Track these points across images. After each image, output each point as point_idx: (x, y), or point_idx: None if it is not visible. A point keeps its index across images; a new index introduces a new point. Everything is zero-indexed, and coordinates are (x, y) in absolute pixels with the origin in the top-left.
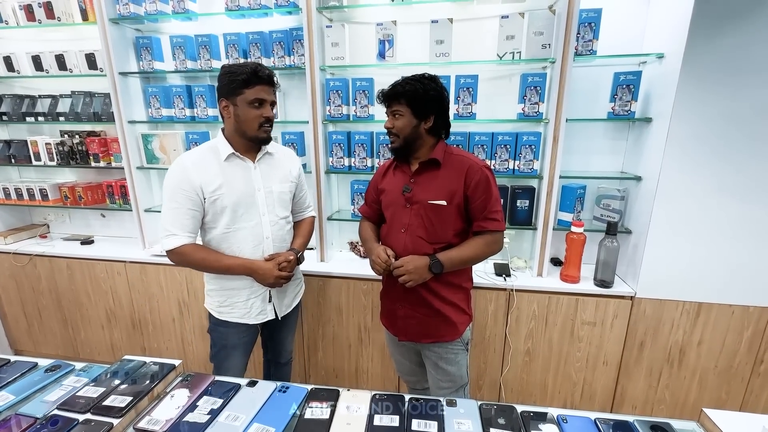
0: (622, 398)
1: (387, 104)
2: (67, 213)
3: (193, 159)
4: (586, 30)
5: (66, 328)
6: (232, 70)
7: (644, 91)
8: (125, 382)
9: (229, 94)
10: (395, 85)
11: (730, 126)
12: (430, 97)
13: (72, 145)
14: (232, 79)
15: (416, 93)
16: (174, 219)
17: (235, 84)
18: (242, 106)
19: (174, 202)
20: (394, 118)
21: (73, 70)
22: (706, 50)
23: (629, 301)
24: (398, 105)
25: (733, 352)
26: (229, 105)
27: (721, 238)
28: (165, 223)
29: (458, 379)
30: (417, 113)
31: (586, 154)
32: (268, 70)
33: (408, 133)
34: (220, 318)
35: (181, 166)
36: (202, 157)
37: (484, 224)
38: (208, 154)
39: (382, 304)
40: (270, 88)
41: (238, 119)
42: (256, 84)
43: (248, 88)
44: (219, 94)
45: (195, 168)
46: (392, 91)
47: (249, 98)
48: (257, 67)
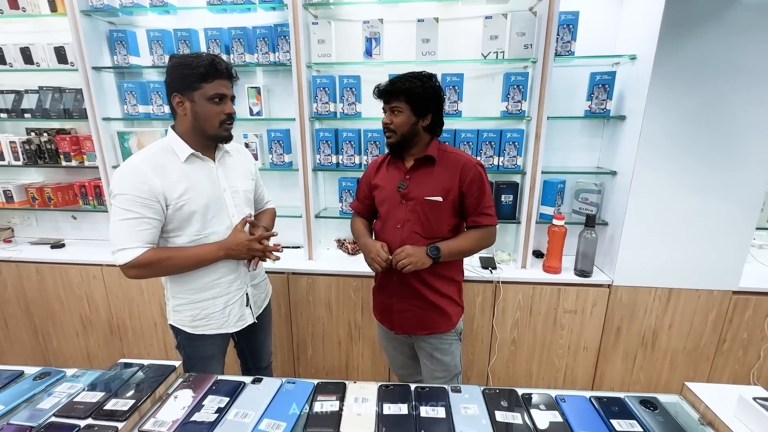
0: (601, 381)
1: (385, 100)
2: (34, 215)
3: (147, 161)
4: (564, 31)
5: (36, 336)
6: (186, 62)
7: (618, 91)
8: (124, 386)
9: (183, 88)
10: (395, 81)
11: (696, 124)
12: (429, 95)
13: (40, 144)
14: (187, 73)
15: (416, 91)
16: (129, 231)
17: (192, 77)
18: (201, 102)
19: (128, 212)
20: (392, 115)
21: (40, 64)
22: (676, 52)
23: (607, 289)
24: (397, 102)
25: (700, 333)
26: (184, 100)
27: (688, 229)
28: (117, 236)
29: (452, 368)
30: (416, 111)
31: (564, 150)
32: (225, 63)
33: (406, 130)
34: (195, 333)
35: (135, 170)
36: (158, 159)
37: (479, 219)
38: (163, 155)
39: (376, 300)
40: (229, 82)
41: (197, 116)
42: (215, 78)
43: (206, 82)
44: (171, 89)
45: (153, 172)
46: (392, 87)
47: (208, 93)
48: (214, 59)
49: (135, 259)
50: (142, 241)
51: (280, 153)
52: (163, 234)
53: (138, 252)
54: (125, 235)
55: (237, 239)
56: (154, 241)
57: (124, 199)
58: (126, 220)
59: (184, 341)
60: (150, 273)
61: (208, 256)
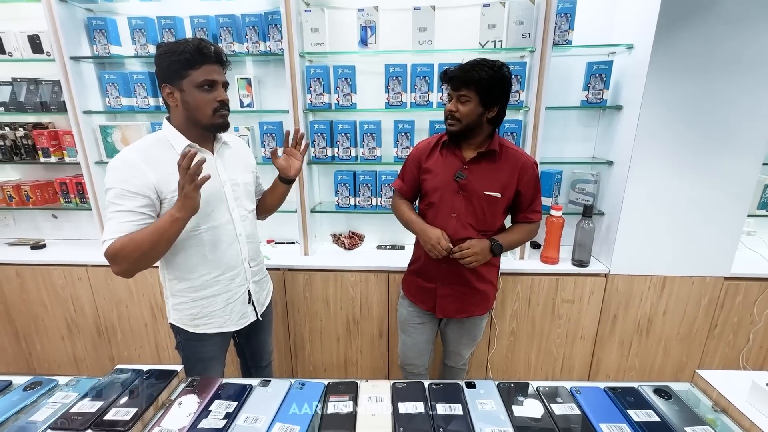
0: (598, 368)
1: (454, 87)
2: (11, 215)
3: (141, 154)
4: (562, 20)
5: (18, 342)
6: (171, 49)
7: (615, 80)
8: (124, 393)
9: (172, 77)
10: (467, 68)
11: (692, 113)
12: (500, 87)
13: (15, 139)
14: (174, 60)
15: (488, 81)
16: (117, 225)
17: (178, 65)
18: (190, 91)
19: (118, 206)
20: (459, 103)
21: (13, 54)
22: (673, 41)
23: (603, 278)
24: (467, 90)
25: (693, 319)
26: (173, 91)
27: (684, 217)
28: (106, 230)
29: (477, 338)
30: (484, 102)
31: (561, 140)
32: (214, 46)
33: (471, 120)
34: (195, 332)
35: (129, 163)
36: (153, 152)
37: (530, 216)
38: (158, 148)
39: (414, 282)
40: (219, 67)
41: (188, 106)
42: (202, 63)
43: (194, 69)
44: (160, 80)
45: (147, 164)
46: (464, 74)
47: (197, 80)
48: (201, 43)
49: (107, 250)
50: (122, 233)
51: (273, 146)
52: None
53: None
54: (112, 229)
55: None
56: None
57: (113, 192)
58: (116, 213)
59: (184, 341)
60: (125, 263)
61: (164, 222)
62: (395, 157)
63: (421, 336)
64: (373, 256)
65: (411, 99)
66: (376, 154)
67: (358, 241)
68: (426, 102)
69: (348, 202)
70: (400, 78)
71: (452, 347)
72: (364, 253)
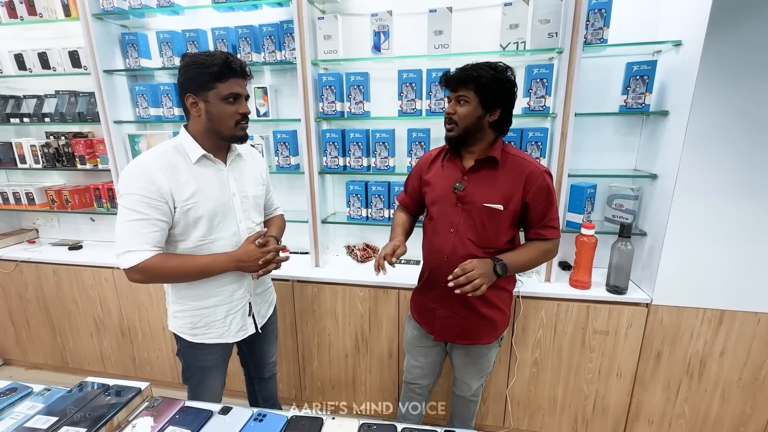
0: (638, 412)
1: (452, 88)
2: (56, 217)
3: (157, 161)
4: (596, 17)
5: (54, 336)
6: (199, 61)
7: (659, 83)
8: (83, 409)
9: (198, 88)
10: (465, 68)
11: (752, 119)
12: (501, 87)
13: (58, 147)
14: (201, 72)
15: (488, 80)
16: (136, 233)
17: (206, 77)
18: (215, 103)
19: (136, 213)
20: (457, 104)
21: (56, 69)
22: (729, 37)
23: (645, 308)
24: (465, 90)
25: (759, 363)
26: (198, 101)
27: (745, 240)
28: (123, 238)
29: (486, 369)
30: (484, 103)
31: (596, 151)
32: (240, 61)
33: (470, 123)
34: (194, 341)
35: (145, 170)
36: (168, 159)
37: (543, 232)
38: (174, 155)
39: (417, 301)
40: (244, 81)
41: (211, 117)
42: (229, 77)
43: (221, 81)
44: (184, 89)
45: (162, 172)
46: (462, 74)
47: (223, 93)
48: (228, 57)
49: (142, 263)
50: (149, 244)
51: (286, 155)
52: (168, 237)
53: (145, 255)
54: (132, 237)
55: (248, 252)
56: (161, 243)
57: (131, 199)
58: (133, 221)
59: (184, 349)
60: (155, 278)
61: (217, 267)
62: (409, 168)
63: (425, 359)
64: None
65: (426, 106)
66: (388, 164)
67: (371, 253)
68: (441, 109)
69: (360, 214)
70: (414, 84)
71: (459, 375)
72: None
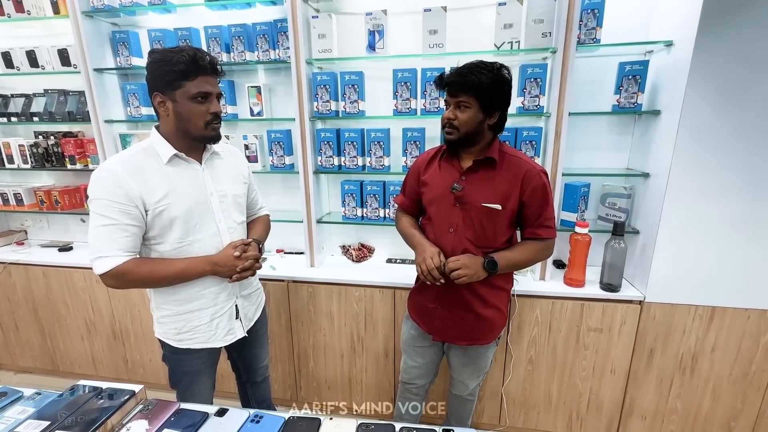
0: (631, 408)
1: (451, 93)
2: (46, 218)
3: (125, 164)
4: (588, 17)
5: (44, 339)
6: (166, 58)
7: (651, 82)
8: (75, 413)
9: (165, 87)
10: (465, 73)
11: (745, 118)
12: (501, 91)
13: (47, 147)
14: (168, 70)
15: (489, 86)
16: (108, 239)
17: (172, 75)
18: (183, 102)
19: (106, 218)
20: (458, 110)
21: (45, 67)
22: (719, 37)
23: (638, 305)
24: (466, 96)
25: (749, 359)
26: (165, 100)
27: (736, 238)
28: (95, 243)
29: (484, 369)
30: (484, 108)
31: (588, 150)
32: (209, 56)
33: (471, 128)
34: (180, 346)
35: (112, 174)
36: (138, 162)
37: (539, 231)
38: (144, 157)
39: (415, 301)
40: (214, 78)
41: (180, 117)
42: (197, 74)
43: (188, 80)
44: (152, 88)
45: (131, 175)
46: (463, 80)
47: (191, 92)
48: (196, 53)
49: (114, 269)
50: (121, 249)
51: (280, 155)
52: (145, 241)
53: (117, 261)
54: (103, 243)
55: (226, 256)
56: (135, 248)
57: (100, 204)
58: (103, 227)
59: (169, 354)
60: (130, 284)
61: (193, 270)
62: (404, 167)
63: (423, 359)
64: (380, 270)
65: (421, 106)
66: (383, 163)
67: (367, 253)
68: (437, 109)
69: (355, 213)
70: (409, 84)
71: (456, 375)
72: (372, 266)
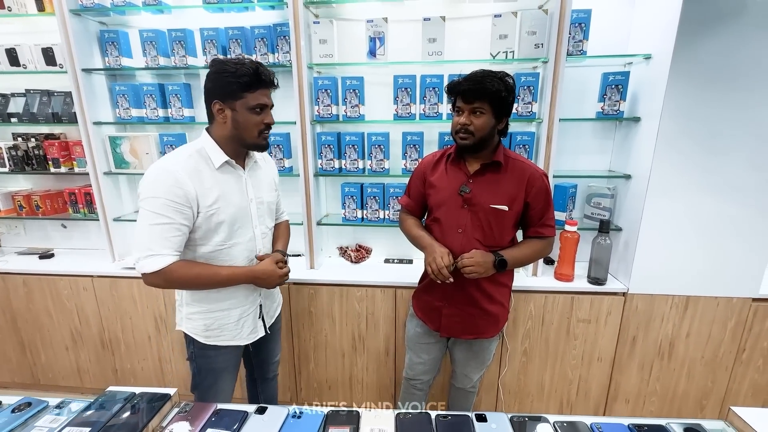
0: (616, 393)
1: (467, 99)
2: (22, 224)
3: (184, 165)
4: (576, 30)
5: (23, 352)
6: (229, 70)
7: (632, 91)
8: (113, 419)
9: (226, 96)
10: (478, 80)
11: (717, 124)
12: (512, 99)
13: (27, 149)
14: (232, 81)
15: (503, 94)
16: (160, 237)
17: (236, 87)
18: (242, 111)
19: (161, 216)
20: (473, 116)
21: (27, 66)
22: (695, 50)
23: (622, 297)
24: (481, 103)
25: (718, 342)
26: (225, 108)
27: (707, 233)
28: (146, 241)
29: (486, 361)
30: (497, 114)
31: (575, 153)
32: (269, 71)
33: (485, 133)
34: (207, 342)
35: (172, 175)
36: (194, 164)
37: (541, 230)
38: (198, 160)
39: (421, 299)
40: (270, 91)
41: (237, 125)
42: (258, 87)
43: (249, 92)
44: (211, 95)
45: (189, 176)
46: (479, 87)
47: (251, 104)
48: (258, 68)
49: (165, 268)
50: (172, 248)
51: (279, 158)
52: (188, 241)
53: (168, 260)
54: (155, 241)
55: (269, 272)
56: (182, 248)
57: (157, 203)
58: (158, 225)
59: (197, 351)
60: (174, 284)
61: (236, 280)
62: (403, 170)
63: (428, 356)
64: (380, 270)
65: (420, 110)
66: (384, 166)
67: (365, 254)
68: (435, 113)
69: (355, 215)
70: (409, 89)
71: (460, 369)
72: (371, 266)
